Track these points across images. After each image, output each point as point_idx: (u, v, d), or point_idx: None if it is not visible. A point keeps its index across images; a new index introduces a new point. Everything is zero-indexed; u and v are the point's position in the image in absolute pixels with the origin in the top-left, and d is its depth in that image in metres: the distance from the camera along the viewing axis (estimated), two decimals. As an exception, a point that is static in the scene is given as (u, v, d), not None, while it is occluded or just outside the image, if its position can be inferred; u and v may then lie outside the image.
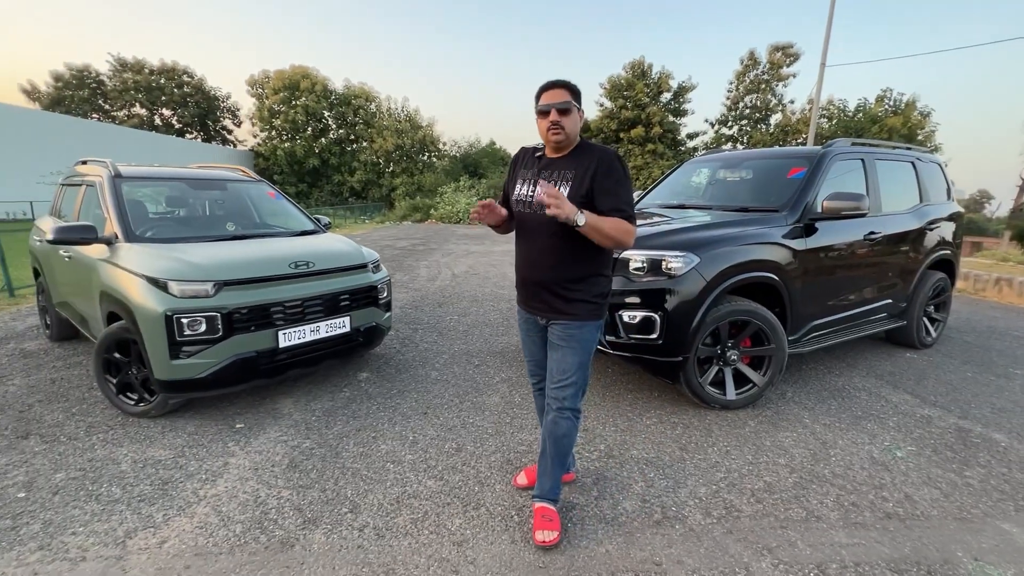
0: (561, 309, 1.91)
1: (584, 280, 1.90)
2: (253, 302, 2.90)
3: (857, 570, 1.84)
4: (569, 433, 2.00)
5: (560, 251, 1.87)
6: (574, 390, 1.96)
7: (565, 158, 1.89)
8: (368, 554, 1.92)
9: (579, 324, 1.92)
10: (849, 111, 27.32)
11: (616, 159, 1.83)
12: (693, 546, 1.97)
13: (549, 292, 1.92)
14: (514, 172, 2.04)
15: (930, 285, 4.38)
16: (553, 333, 1.97)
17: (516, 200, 1.97)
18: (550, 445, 2.01)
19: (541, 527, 1.98)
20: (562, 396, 1.96)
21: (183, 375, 2.77)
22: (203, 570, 1.82)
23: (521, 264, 2.02)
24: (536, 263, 1.94)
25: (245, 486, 2.35)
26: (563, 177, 1.85)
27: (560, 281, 1.90)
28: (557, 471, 2.06)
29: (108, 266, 3.06)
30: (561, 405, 1.97)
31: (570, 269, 1.89)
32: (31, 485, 2.34)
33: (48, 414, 3.07)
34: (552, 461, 2.03)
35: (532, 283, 1.98)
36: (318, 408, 3.20)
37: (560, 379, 1.95)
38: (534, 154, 1.99)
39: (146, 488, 2.33)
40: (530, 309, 2.03)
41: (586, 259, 1.89)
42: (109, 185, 3.47)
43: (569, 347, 1.93)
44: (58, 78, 37.25)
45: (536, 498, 2.08)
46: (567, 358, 1.94)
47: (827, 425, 3.02)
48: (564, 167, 1.87)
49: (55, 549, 1.93)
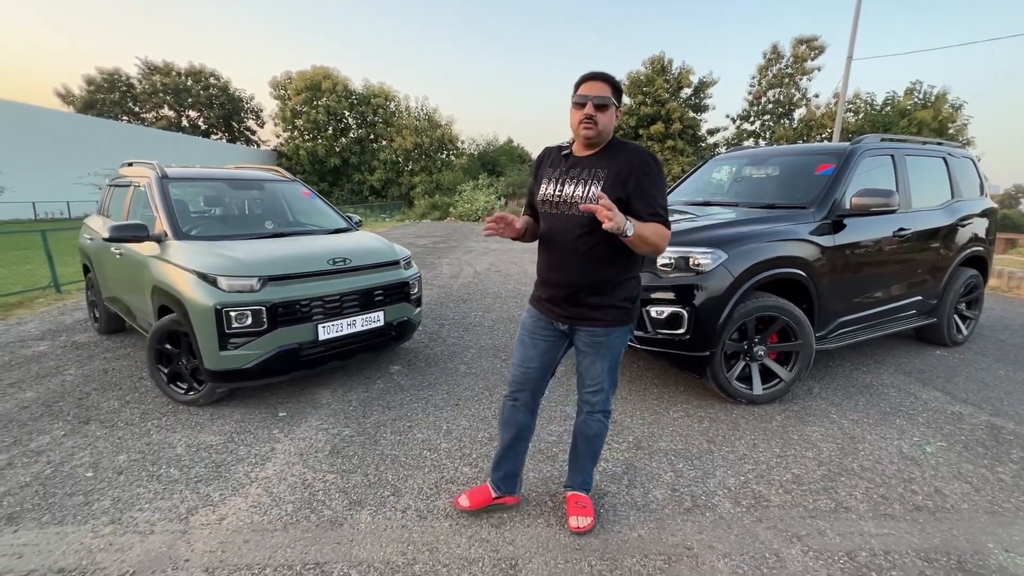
0: (587, 316, 1.84)
1: (614, 284, 1.83)
2: (295, 297, 3.05)
3: (887, 558, 1.89)
4: (600, 433, 2.03)
5: (590, 254, 1.77)
6: (605, 395, 1.96)
7: (595, 156, 1.80)
8: (412, 533, 2.03)
9: (606, 331, 1.85)
10: (876, 105, 26.64)
11: (652, 159, 1.76)
12: (723, 532, 2.04)
13: (576, 296, 1.83)
14: (539, 173, 1.94)
15: (961, 282, 4.33)
16: (580, 339, 1.92)
17: (542, 200, 1.86)
18: (582, 443, 2.06)
19: (575, 513, 2.04)
20: (593, 401, 1.97)
21: (231, 365, 2.93)
22: (261, 544, 1.96)
23: (546, 267, 1.90)
24: (563, 266, 1.83)
25: (292, 470, 2.49)
26: (594, 176, 1.75)
27: (589, 285, 1.81)
28: (589, 465, 2.11)
29: (159, 262, 3.24)
30: (592, 409, 1.99)
31: (600, 272, 1.80)
32: (97, 466, 2.52)
33: (105, 401, 3.27)
34: (584, 457, 2.09)
35: (558, 287, 1.86)
36: (354, 398, 3.34)
37: (591, 385, 1.95)
38: (560, 152, 1.90)
39: (201, 470, 2.48)
40: (551, 313, 1.92)
41: (617, 262, 1.81)
42: (157, 186, 3.66)
43: (598, 354, 1.89)
44: (90, 82, 38.50)
45: (568, 487, 2.15)
46: (596, 365, 1.90)
47: (855, 421, 3.04)
48: (595, 165, 1.77)
49: (125, 523, 2.09)
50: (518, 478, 2.19)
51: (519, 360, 2.02)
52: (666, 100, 29.03)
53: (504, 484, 2.14)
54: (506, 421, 2.09)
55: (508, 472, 2.14)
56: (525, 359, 2.00)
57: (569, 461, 2.16)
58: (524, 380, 2.01)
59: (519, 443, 2.11)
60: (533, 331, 1.99)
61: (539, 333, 1.97)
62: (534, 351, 1.98)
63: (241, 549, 1.93)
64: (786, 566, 1.85)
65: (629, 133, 29.80)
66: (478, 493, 2.17)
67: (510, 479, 2.15)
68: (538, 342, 1.97)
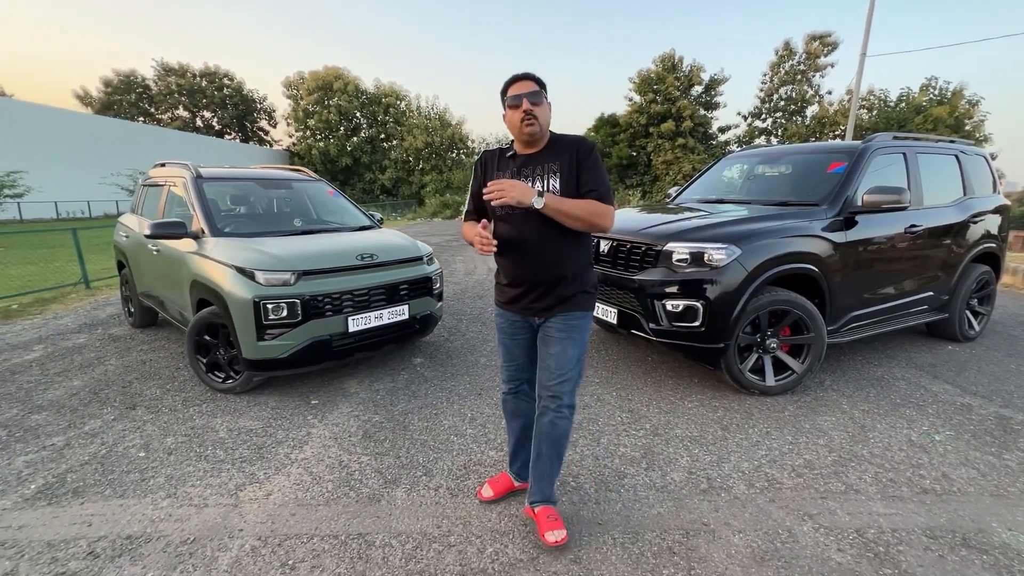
0: (563, 303, 1.89)
1: (579, 270, 1.90)
2: (327, 291, 3.21)
3: (894, 535, 2.00)
4: (567, 432, 1.98)
5: (554, 245, 1.83)
6: (572, 384, 1.94)
7: (543, 152, 1.84)
8: (445, 509, 2.18)
9: (580, 315, 1.91)
10: (891, 101, 26.35)
11: (588, 144, 1.83)
12: (738, 511, 2.16)
13: (549, 288, 1.87)
14: (485, 177, 1.93)
15: (973, 278, 4.39)
16: (551, 328, 1.92)
17: (497, 205, 1.82)
18: (547, 448, 1.97)
19: (549, 528, 1.95)
20: (561, 392, 1.92)
21: (268, 355, 3.10)
22: (307, 517, 2.12)
23: (516, 266, 1.91)
24: (536, 262, 1.86)
25: (329, 452, 2.65)
26: (548, 171, 1.80)
27: (563, 275, 1.87)
28: (555, 471, 2.03)
29: (198, 258, 3.42)
30: (560, 403, 1.92)
31: (570, 261, 1.87)
32: (147, 447, 2.70)
33: (147, 389, 3.47)
34: (550, 463, 2.00)
35: (530, 283, 1.89)
36: (381, 388, 3.50)
37: (560, 374, 1.91)
38: (503, 154, 1.91)
39: (244, 451, 2.65)
40: (524, 310, 1.95)
41: (577, 249, 1.88)
42: (193, 185, 3.84)
43: (570, 338, 1.90)
44: (107, 83, 39.24)
45: (535, 503, 2.03)
46: (567, 351, 1.90)
47: (865, 411, 3.13)
48: (546, 160, 1.82)
49: (180, 497, 2.26)
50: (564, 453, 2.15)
51: (507, 359, 2.08)
52: (676, 98, 28.93)
53: (524, 472, 2.18)
54: (511, 413, 2.16)
55: (525, 460, 2.18)
56: (513, 357, 2.06)
57: (532, 472, 2.03)
58: (518, 372, 2.08)
59: (528, 430, 2.12)
60: (512, 333, 2.03)
61: (518, 333, 2.02)
62: (518, 349, 2.04)
63: (289, 521, 2.10)
64: (798, 541, 1.97)
65: (639, 131, 29.77)
66: (499, 482, 2.26)
67: (527, 467, 2.14)
68: (519, 340, 2.03)
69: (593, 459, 2.59)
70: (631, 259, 3.43)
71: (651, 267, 3.30)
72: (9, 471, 2.46)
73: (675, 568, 1.83)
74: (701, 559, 1.88)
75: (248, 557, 1.89)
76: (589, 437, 2.81)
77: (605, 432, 2.87)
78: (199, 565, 1.85)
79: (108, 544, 1.95)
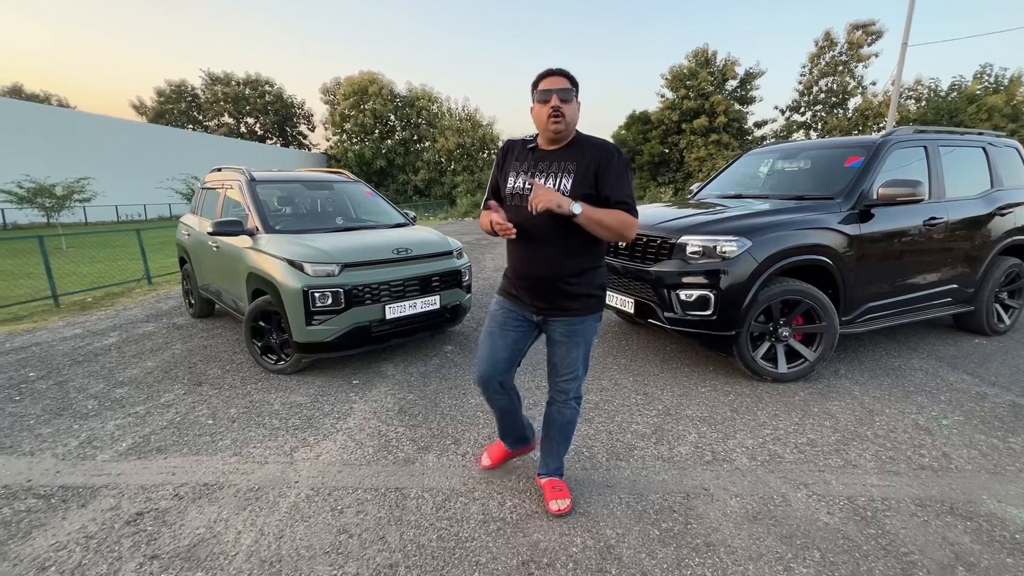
0: (564, 305, 1.89)
1: (586, 273, 1.88)
2: (367, 281, 3.55)
3: (883, 503, 2.15)
4: (573, 420, 2.09)
5: (565, 245, 1.82)
6: (579, 382, 2.01)
7: (563, 150, 1.83)
8: (471, 471, 2.46)
9: (582, 319, 1.92)
10: (941, 91, 25.15)
11: (616, 152, 1.82)
12: (738, 479, 2.35)
13: (552, 288, 1.87)
14: (505, 165, 1.94)
15: (1002, 271, 4.35)
16: (555, 330, 1.95)
17: (512, 194, 1.87)
18: (556, 431, 2.11)
19: (554, 497, 2.11)
20: (568, 388, 2.00)
21: (315, 338, 3.46)
22: (352, 474, 2.44)
23: (519, 260, 1.92)
24: (540, 259, 1.85)
25: (369, 423, 2.98)
26: (564, 169, 1.79)
27: (563, 276, 1.85)
28: (562, 451, 2.18)
29: (253, 252, 3.83)
30: (567, 396, 2.02)
31: (575, 262, 1.85)
32: (214, 416, 3.10)
33: (210, 369, 3.90)
34: (558, 444, 2.14)
35: (533, 279, 1.90)
36: (415, 371, 3.82)
37: (566, 373, 1.98)
38: (525, 146, 1.90)
39: (296, 421, 3.01)
40: (525, 305, 1.95)
41: (589, 251, 1.87)
42: (247, 187, 4.26)
43: (572, 342, 1.93)
44: (160, 93, 41.62)
45: (543, 475, 2.21)
46: (572, 352, 1.94)
47: (876, 398, 3.23)
48: (564, 159, 1.81)
49: (245, 456, 2.62)
50: (526, 437, 2.35)
51: (486, 354, 2.02)
52: (710, 93, 28.49)
53: (518, 444, 2.35)
54: (491, 405, 2.18)
55: (516, 437, 2.32)
56: (493, 351, 2.00)
57: (542, 449, 2.21)
58: (490, 374, 2.02)
59: (508, 417, 2.23)
60: (504, 322, 2.00)
61: (510, 324, 2.00)
62: (503, 342, 2.00)
63: (336, 476, 2.42)
64: (790, 505, 2.15)
65: (671, 127, 29.44)
66: (495, 449, 2.40)
67: (520, 441, 2.34)
68: (508, 332, 2.00)
69: (607, 434, 2.82)
70: (647, 251, 3.63)
71: (666, 259, 3.49)
72: (104, 432, 2.90)
73: (673, 522, 2.05)
74: (698, 516, 2.09)
75: (304, 502, 2.22)
76: (604, 416, 3.04)
77: (620, 412, 3.09)
78: (264, 507, 2.19)
79: (189, 489, 2.33)
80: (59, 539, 2.00)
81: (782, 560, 1.84)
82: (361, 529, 2.04)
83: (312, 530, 2.04)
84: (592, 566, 1.83)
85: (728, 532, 1.99)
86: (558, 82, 1.75)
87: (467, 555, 1.90)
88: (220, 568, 1.83)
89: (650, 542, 1.95)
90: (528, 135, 1.91)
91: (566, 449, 2.20)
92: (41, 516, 2.15)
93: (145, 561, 1.88)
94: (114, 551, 1.93)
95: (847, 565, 1.81)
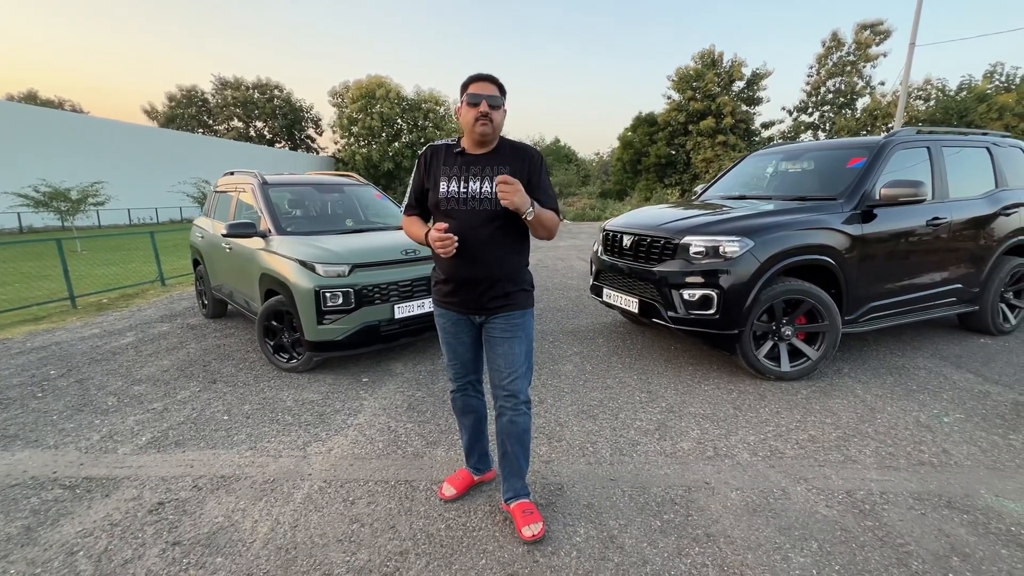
0: (503, 303, 1.92)
1: (521, 270, 1.97)
2: (377, 281, 3.64)
3: (882, 496, 2.20)
4: (528, 427, 2.03)
5: (503, 244, 1.87)
6: (525, 381, 2.00)
7: (491, 154, 1.86)
8: (478, 465, 2.53)
9: (521, 313, 1.96)
10: (950, 90, 24.95)
11: (540, 156, 1.92)
12: (739, 474, 2.41)
13: (493, 287, 1.90)
14: (430, 171, 1.92)
15: (1007, 271, 4.36)
16: (495, 328, 1.95)
17: (445, 199, 1.85)
18: (512, 445, 2.03)
19: (526, 523, 2.00)
20: (515, 390, 1.97)
21: (326, 337, 3.55)
22: (363, 467, 2.52)
23: (457, 267, 1.89)
24: (480, 260, 1.86)
25: (379, 420, 3.06)
26: (496, 173, 1.81)
27: (505, 274, 1.90)
28: (524, 464, 2.09)
29: (266, 254, 3.93)
30: (516, 400, 1.98)
31: (513, 260, 1.93)
32: (229, 412, 3.20)
33: (224, 368, 4.00)
34: (517, 459, 2.06)
35: (477, 280, 1.89)
36: (423, 369, 3.90)
37: (510, 372, 1.96)
38: (451, 150, 1.91)
39: (308, 417, 3.10)
40: (467, 309, 1.96)
41: (523, 249, 1.96)
42: (260, 191, 4.37)
43: (515, 336, 1.95)
44: (171, 98, 42.20)
45: (510, 500, 2.09)
46: (515, 348, 1.95)
47: (879, 395, 3.27)
48: (495, 163, 1.84)
49: (260, 450, 2.71)
50: (488, 456, 2.37)
51: (452, 357, 2.09)
52: (717, 94, 28.39)
53: (481, 465, 2.33)
54: (462, 410, 2.20)
55: (480, 454, 2.32)
56: (457, 354, 2.07)
57: (502, 470, 2.12)
58: (464, 369, 2.10)
59: (480, 424, 2.26)
60: (455, 332, 2.04)
61: (461, 332, 2.03)
62: (462, 347, 2.06)
63: (348, 469, 2.50)
64: (790, 498, 2.20)
65: (678, 129, 29.40)
66: (458, 479, 2.31)
67: (483, 459, 2.34)
68: (462, 339, 2.04)
69: (611, 430, 2.88)
70: (651, 252, 3.69)
71: (670, 259, 3.55)
72: (124, 427, 3.00)
73: (675, 514, 2.11)
74: (699, 509, 2.15)
75: (317, 493, 2.30)
76: (608, 413, 3.10)
77: (624, 409, 3.15)
78: (279, 497, 2.27)
79: (207, 480, 2.42)
80: (85, 526, 2.10)
81: (780, 550, 1.89)
82: (372, 519, 2.12)
83: (325, 519, 2.12)
84: (595, 554, 1.90)
85: (728, 523, 2.05)
86: (488, 88, 1.81)
87: (474, 543, 1.97)
88: (239, 554, 1.92)
89: (651, 532, 2.01)
90: (451, 139, 1.95)
91: (527, 464, 2.11)
92: (67, 505, 2.25)
93: (167, 547, 1.96)
94: (138, 537, 2.02)
95: (844, 555, 1.86)
